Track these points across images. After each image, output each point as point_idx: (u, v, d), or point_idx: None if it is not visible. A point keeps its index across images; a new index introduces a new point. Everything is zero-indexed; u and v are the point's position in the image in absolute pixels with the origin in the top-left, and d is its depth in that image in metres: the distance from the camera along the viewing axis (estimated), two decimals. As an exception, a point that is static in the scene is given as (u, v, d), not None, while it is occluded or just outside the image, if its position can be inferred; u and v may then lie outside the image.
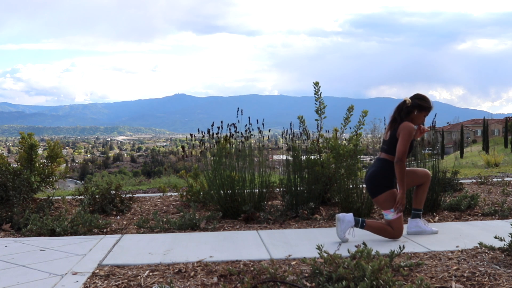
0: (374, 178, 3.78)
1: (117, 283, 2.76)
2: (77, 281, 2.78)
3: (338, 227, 3.70)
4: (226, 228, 4.47)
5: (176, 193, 6.58)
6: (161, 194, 7.01)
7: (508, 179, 8.13)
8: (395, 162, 3.65)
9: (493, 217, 4.71)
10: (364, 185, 3.90)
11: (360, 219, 3.76)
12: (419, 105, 3.79)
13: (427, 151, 5.42)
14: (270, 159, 5.87)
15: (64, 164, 6.26)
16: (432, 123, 5.41)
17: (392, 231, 3.72)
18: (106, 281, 2.79)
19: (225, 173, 4.95)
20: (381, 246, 3.37)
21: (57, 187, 7.96)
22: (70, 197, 6.21)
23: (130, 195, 5.79)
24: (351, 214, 3.74)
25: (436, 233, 3.88)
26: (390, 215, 3.71)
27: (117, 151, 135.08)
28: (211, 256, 3.28)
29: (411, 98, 3.82)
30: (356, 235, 3.81)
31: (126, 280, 2.80)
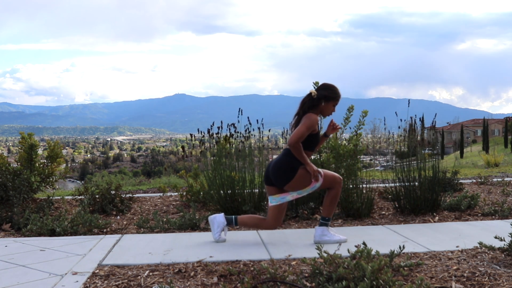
0: (280, 166, 3.59)
1: (117, 283, 2.76)
2: (77, 281, 2.78)
3: (212, 228, 3.74)
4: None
5: (176, 193, 6.58)
6: (161, 194, 7.01)
7: (508, 179, 8.13)
8: (288, 145, 3.49)
9: (493, 217, 4.71)
10: (272, 176, 3.63)
11: (233, 216, 3.75)
12: (325, 95, 3.61)
13: (427, 151, 5.42)
14: (270, 159, 5.87)
15: (64, 164, 6.27)
16: (432, 123, 5.42)
17: (267, 222, 3.69)
18: (106, 281, 2.79)
19: (225, 173, 4.95)
20: (381, 246, 3.37)
21: (57, 187, 7.96)
22: (70, 197, 6.21)
23: (130, 195, 5.79)
24: (222, 214, 3.78)
25: (345, 241, 3.59)
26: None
27: (117, 151, 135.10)
28: (211, 256, 3.28)
29: (316, 89, 3.66)
30: (355, 235, 3.81)
31: (126, 280, 2.80)
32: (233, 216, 3.79)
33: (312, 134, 3.59)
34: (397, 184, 4.95)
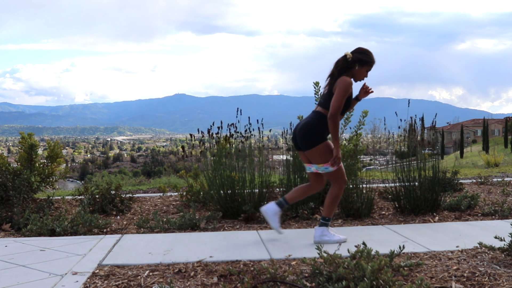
0: (308, 129, 3.60)
1: (117, 283, 2.76)
2: (77, 281, 2.78)
3: (268, 219, 3.69)
4: (226, 228, 4.47)
5: (176, 193, 6.58)
6: (161, 194, 7.01)
7: (508, 179, 8.13)
8: (328, 117, 3.48)
9: (493, 217, 4.71)
10: (298, 137, 3.65)
11: (281, 199, 3.72)
12: (360, 59, 3.58)
13: (427, 151, 5.42)
14: (270, 159, 5.87)
15: (64, 164, 6.26)
16: (432, 123, 5.42)
17: (310, 187, 3.73)
18: (106, 281, 2.79)
19: (225, 173, 4.95)
20: (381, 246, 3.37)
21: (57, 187, 7.96)
22: (70, 197, 6.21)
23: (130, 195, 5.79)
24: (272, 202, 3.71)
25: (344, 241, 3.58)
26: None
27: (117, 151, 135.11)
28: (211, 256, 3.28)
29: (352, 52, 3.63)
30: (355, 235, 3.81)
31: (126, 280, 2.80)
32: (282, 199, 3.72)
33: None
34: (397, 184, 4.95)
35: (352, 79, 3.64)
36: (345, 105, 3.59)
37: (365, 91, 3.83)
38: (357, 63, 3.59)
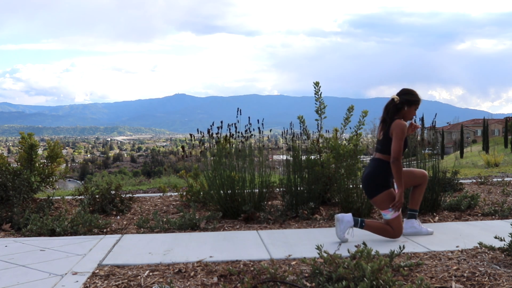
0: (370, 179, 3.78)
1: (117, 283, 2.76)
2: (77, 281, 2.78)
3: (337, 227, 3.70)
4: (226, 228, 4.47)
5: (176, 193, 6.58)
6: (161, 194, 7.01)
7: (508, 179, 8.13)
8: (391, 162, 3.65)
9: (493, 217, 4.71)
10: (363, 186, 3.89)
11: (359, 219, 3.76)
12: (407, 100, 3.76)
13: (427, 151, 5.42)
14: (270, 159, 5.87)
15: (64, 164, 6.26)
16: (432, 123, 5.41)
17: (392, 231, 3.73)
18: (106, 281, 2.79)
19: (225, 173, 4.95)
20: (381, 246, 3.37)
21: (57, 187, 7.96)
22: (70, 197, 6.21)
23: (130, 195, 5.79)
24: (350, 214, 3.74)
25: (431, 234, 3.87)
26: (388, 214, 3.71)
27: (117, 151, 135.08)
28: (211, 256, 3.28)
29: (398, 94, 3.79)
30: (355, 235, 3.81)
31: (126, 280, 2.80)
32: (360, 219, 3.76)
33: None
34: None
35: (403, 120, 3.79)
36: (403, 147, 3.74)
37: (413, 128, 4.01)
38: (405, 104, 3.76)
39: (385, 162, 3.74)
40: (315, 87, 5.35)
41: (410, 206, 3.96)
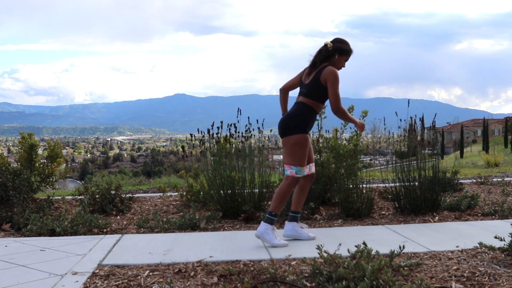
0: (291, 119, 3.63)
1: (117, 283, 2.76)
2: (77, 281, 2.78)
3: (266, 241, 3.55)
4: (226, 228, 4.47)
5: (176, 193, 6.58)
6: (161, 194, 7.01)
7: (508, 179, 8.13)
8: (335, 113, 3.58)
9: (493, 217, 4.71)
10: (280, 127, 3.68)
11: (267, 216, 3.61)
12: (340, 48, 3.68)
13: (427, 151, 5.42)
14: (270, 159, 5.87)
15: (64, 164, 6.26)
16: (432, 123, 5.41)
17: (284, 187, 3.60)
18: (106, 281, 2.79)
19: (225, 173, 4.95)
20: (381, 246, 3.38)
21: (57, 187, 7.96)
22: (70, 197, 6.21)
23: (130, 195, 5.79)
24: (261, 223, 3.59)
25: (313, 239, 3.66)
26: (289, 171, 3.59)
27: (117, 151, 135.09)
28: (211, 256, 3.28)
29: (332, 42, 3.72)
30: (353, 235, 3.81)
31: (126, 280, 2.80)
32: (267, 215, 3.63)
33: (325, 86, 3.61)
34: (397, 184, 4.95)
35: None
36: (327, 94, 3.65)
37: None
38: (337, 52, 3.69)
39: (308, 107, 3.63)
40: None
41: (292, 208, 3.79)
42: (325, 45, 3.70)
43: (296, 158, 3.60)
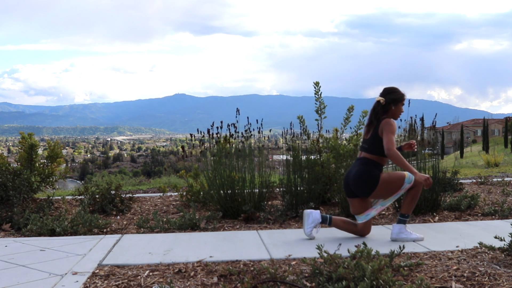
0: (361, 175, 3.69)
1: (117, 283, 2.76)
2: (77, 281, 2.78)
3: (305, 223, 3.75)
4: (226, 228, 4.47)
5: (176, 193, 6.58)
6: (161, 194, 7.01)
7: (508, 179, 8.13)
8: (387, 154, 3.60)
9: (493, 217, 4.71)
10: (353, 186, 3.74)
11: (328, 216, 3.78)
12: (393, 99, 3.76)
13: (427, 151, 5.42)
14: (270, 159, 5.87)
15: (64, 164, 6.26)
16: (432, 123, 5.41)
17: (357, 229, 3.79)
18: (106, 281, 2.79)
19: (225, 173, 4.95)
20: (381, 246, 3.38)
21: (57, 187, 7.96)
22: (70, 197, 6.21)
23: (130, 195, 5.79)
24: (318, 211, 3.78)
25: (421, 240, 3.67)
26: (360, 219, 3.76)
27: (117, 151, 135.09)
28: (211, 256, 3.28)
29: (382, 95, 3.79)
30: (353, 235, 3.81)
31: (126, 280, 2.80)
32: (328, 216, 3.79)
33: None
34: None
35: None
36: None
37: (410, 146, 4.01)
38: (392, 103, 3.76)
39: (371, 161, 3.71)
40: (315, 87, 5.35)
41: (401, 211, 3.81)
42: (378, 101, 3.76)
43: (395, 182, 3.66)
